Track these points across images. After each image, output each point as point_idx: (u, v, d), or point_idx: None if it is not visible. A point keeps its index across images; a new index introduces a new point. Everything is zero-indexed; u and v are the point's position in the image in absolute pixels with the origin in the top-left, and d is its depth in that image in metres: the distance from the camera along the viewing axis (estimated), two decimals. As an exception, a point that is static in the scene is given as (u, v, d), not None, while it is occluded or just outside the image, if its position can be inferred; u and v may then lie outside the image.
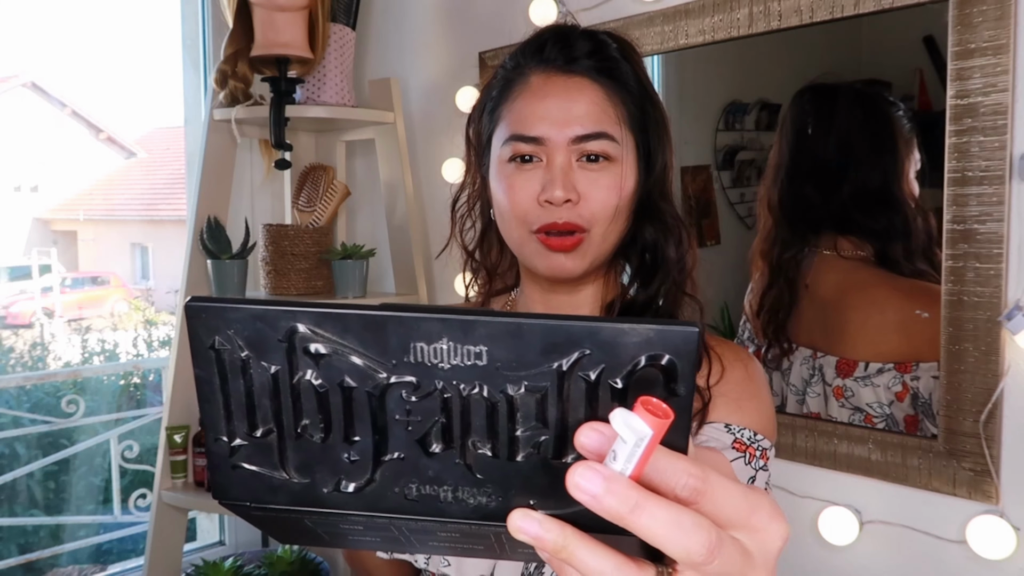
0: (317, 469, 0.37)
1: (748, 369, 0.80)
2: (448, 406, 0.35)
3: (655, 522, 0.32)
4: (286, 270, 1.80)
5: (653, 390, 0.33)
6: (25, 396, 3.76)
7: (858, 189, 1.25)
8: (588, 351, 0.33)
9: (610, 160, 0.77)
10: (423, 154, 1.94)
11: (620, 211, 0.78)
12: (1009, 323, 1.04)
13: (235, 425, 0.37)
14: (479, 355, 0.34)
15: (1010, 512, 1.09)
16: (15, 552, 2.99)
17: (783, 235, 1.34)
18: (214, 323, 0.36)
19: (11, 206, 11.21)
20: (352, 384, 0.36)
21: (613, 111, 0.78)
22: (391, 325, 0.34)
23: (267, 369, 0.36)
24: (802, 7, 1.23)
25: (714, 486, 0.34)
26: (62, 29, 18.63)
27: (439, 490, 0.36)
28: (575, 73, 0.78)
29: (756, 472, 0.75)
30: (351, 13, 1.90)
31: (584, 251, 0.78)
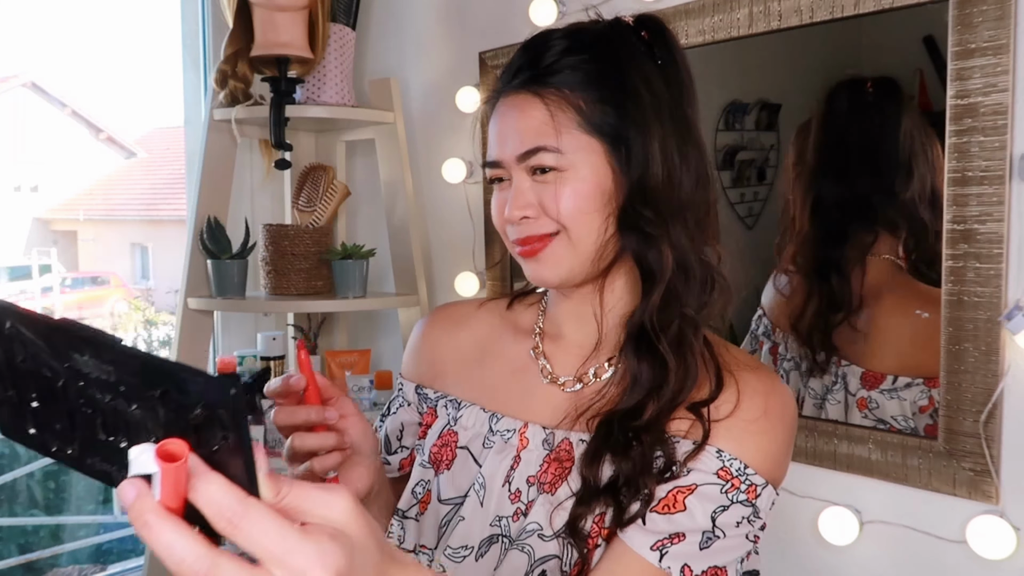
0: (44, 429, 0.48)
1: (768, 404, 0.76)
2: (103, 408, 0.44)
3: (156, 540, 0.39)
4: (286, 270, 1.80)
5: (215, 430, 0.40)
6: (25, 396, 3.75)
7: (922, 188, 1.18)
8: (169, 390, 0.41)
9: (559, 170, 0.76)
10: (423, 154, 1.94)
11: (584, 215, 0.75)
12: (1009, 323, 1.04)
13: None
14: (110, 373, 0.43)
15: (1010, 512, 1.09)
16: (15, 552, 2.99)
17: (836, 236, 1.28)
18: None
19: (11, 206, 11.20)
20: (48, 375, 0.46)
21: (555, 121, 0.76)
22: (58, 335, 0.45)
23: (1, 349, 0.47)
24: (802, 7, 1.23)
25: (249, 523, 0.40)
26: (62, 29, 18.62)
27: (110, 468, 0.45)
28: (516, 90, 0.79)
29: (731, 503, 0.72)
30: (351, 13, 1.90)
31: (556, 258, 0.77)
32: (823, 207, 1.30)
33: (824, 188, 1.30)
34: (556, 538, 0.75)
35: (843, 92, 1.27)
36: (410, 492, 0.87)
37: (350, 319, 2.18)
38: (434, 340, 0.94)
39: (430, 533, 0.84)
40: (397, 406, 0.94)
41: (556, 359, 0.85)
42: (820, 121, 1.29)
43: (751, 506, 0.73)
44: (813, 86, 1.31)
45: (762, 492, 0.74)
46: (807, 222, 1.31)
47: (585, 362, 0.83)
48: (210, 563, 0.39)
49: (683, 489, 0.72)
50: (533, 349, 0.87)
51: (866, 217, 1.27)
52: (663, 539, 0.70)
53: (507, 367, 0.88)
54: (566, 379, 0.83)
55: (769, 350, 1.37)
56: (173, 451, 0.40)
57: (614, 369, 0.81)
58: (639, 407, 0.75)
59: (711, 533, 0.71)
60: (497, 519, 0.79)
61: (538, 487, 0.78)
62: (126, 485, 0.40)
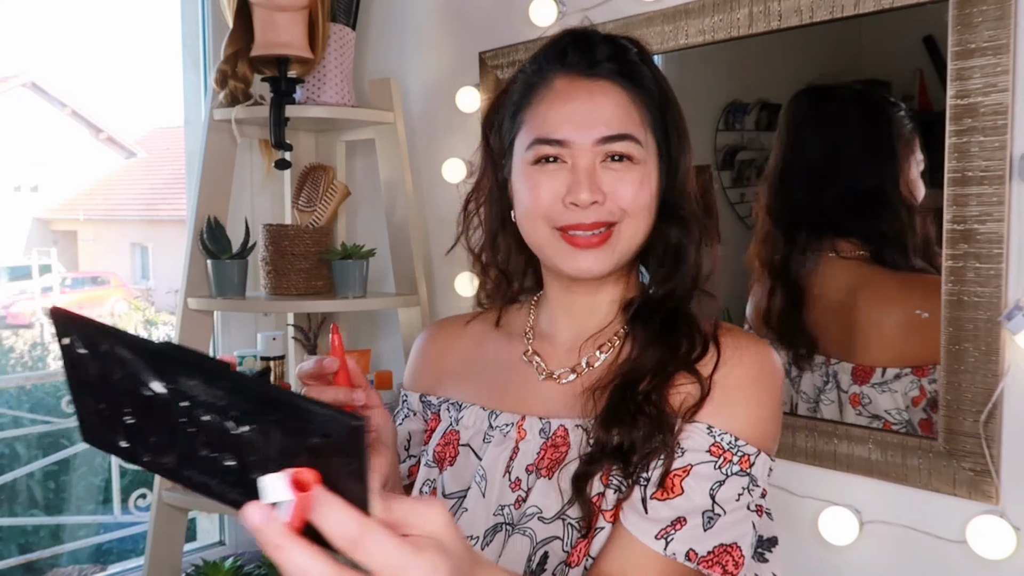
0: (136, 442, 0.51)
1: (748, 366, 0.78)
2: (208, 427, 0.47)
3: (290, 561, 0.43)
4: (286, 270, 1.80)
5: (335, 455, 0.43)
6: (25, 396, 3.75)
7: (849, 191, 1.24)
8: (287, 417, 0.44)
9: (633, 161, 0.79)
10: (423, 154, 1.94)
11: (647, 209, 0.80)
12: (1009, 323, 1.04)
13: (85, 399, 0.52)
14: (220, 397, 0.46)
15: (1010, 512, 1.09)
16: (15, 552, 2.99)
17: (781, 238, 1.33)
18: (64, 329, 0.51)
19: (11, 206, 11.20)
20: (148, 394, 0.48)
21: (636, 114, 0.80)
22: (165, 360, 0.47)
23: (97, 367, 0.50)
24: (802, 7, 1.23)
25: (369, 542, 0.44)
26: (62, 29, 18.62)
27: (209, 481, 0.48)
28: (598, 77, 0.80)
29: (727, 477, 0.74)
30: (351, 13, 1.90)
31: (612, 248, 0.79)
32: (774, 210, 1.35)
33: (775, 193, 1.35)
34: (557, 519, 0.76)
35: (802, 96, 1.32)
36: (417, 491, 0.89)
37: (350, 319, 2.18)
38: (435, 352, 0.97)
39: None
40: (403, 417, 0.96)
41: (550, 357, 0.87)
42: (780, 125, 1.35)
43: (747, 475, 0.75)
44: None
45: (756, 460, 0.75)
46: (766, 222, 1.36)
47: (577, 354, 0.85)
48: None
49: (679, 472, 0.74)
50: (525, 353, 0.89)
51: (809, 220, 1.32)
52: (666, 527, 0.72)
53: (503, 370, 0.89)
54: (561, 371, 0.85)
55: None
56: (305, 480, 0.43)
57: (605, 356, 0.84)
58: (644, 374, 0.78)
59: (711, 512, 0.73)
60: (500, 508, 0.81)
61: (536, 473, 0.80)
62: (253, 509, 0.43)
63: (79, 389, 0.52)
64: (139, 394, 0.48)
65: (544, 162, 0.80)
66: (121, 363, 0.48)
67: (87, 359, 0.50)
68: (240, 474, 0.47)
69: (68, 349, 0.51)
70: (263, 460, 0.45)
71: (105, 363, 0.49)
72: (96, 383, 0.50)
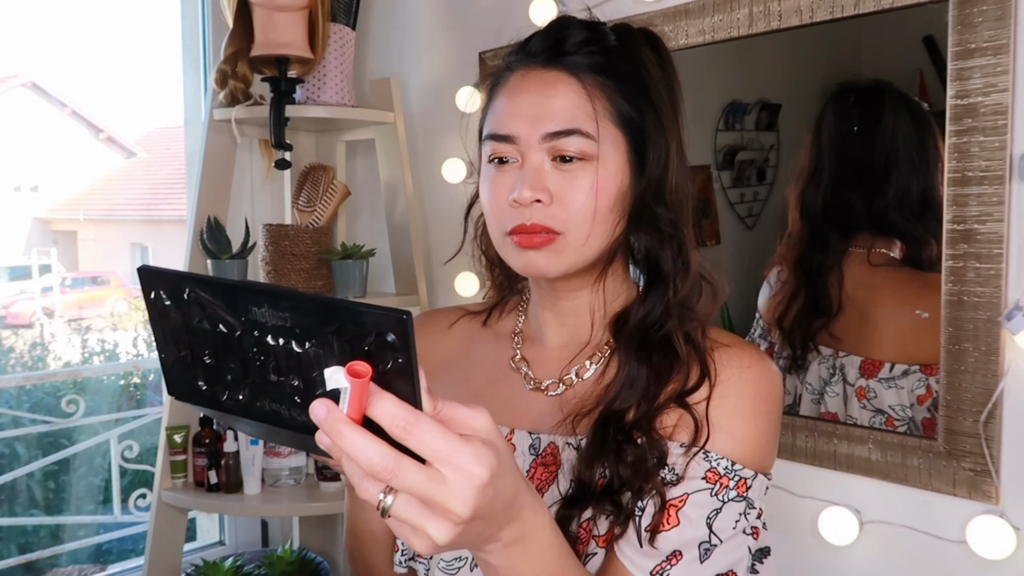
0: (215, 382, 0.55)
1: (743, 383, 0.75)
2: (276, 351, 0.51)
3: (349, 445, 0.47)
4: (286, 270, 1.80)
5: (387, 355, 0.48)
6: (25, 396, 3.75)
7: (902, 194, 1.21)
8: (344, 324, 0.48)
9: (586, 160, 0.73)
10: (423, 154, 1.94)
11: (601, 213, 0.74)
12: (1009, 323, 1.04)
13: (169, 348, 0.57)
14: (285, 319, 0.50)
15: (1010, 512, 1.09)
16: (15, 552, 2.99)
17: (818, 240, 1.30)
18: (151, 283, 0.55)
19: (11, 206, 11.19)
20: (223, 329, 0.53)
21: (593, 106, 0.73)
22: (237, 293, 0.52)
23: (179, 314, 0.55)
24: (802, 7, 1.23)
25: (420, 430, 0.48)
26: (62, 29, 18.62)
27: (280, 407, 0.53)
28: (552, 67, 0.75)
29: (723, 504, 0.71)
30: (351, 13, 1.90)
31: (558, 251, 0.74)
32: (807, 211, 1.32)
33: (808, 192, 1.32)
34: None
35: (832, 99, 1.29)
36: None
37: (350, 319, 2.18)
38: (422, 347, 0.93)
39: None
40: None
41: (537, 364, 0.84)
42: (812, 128, 1.32)
43: (743, 499, 0.72)
44: (813, 86, 1.32)
45: (752, 483, 0.73)
46: (796, 223, 1.33)
47: (567, 364, 0.82)
48: (394, 461, 0.48)
49: (675, 502, 0.71)
50: (512, 358, 0.86)
51: (844, 222, 1.29)
52: (661, 562, 0.70)
53: (489, 376, 0.86)
54: (549, 383, 0.82)
55: (766, 350, 1.37)
56: (359, 370, 0.47)
57: (595, 367, 0.81)
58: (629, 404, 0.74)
59: (708, 543, 0.71)
60: None
61: None
62: (317, 404, 0.48)
63: (165, 340, 0.56)
64: (216, 332, 0.53)
65: (498, 162, 0.76)
66: (200, 306, 0.53)
67: (171, 309, 0.55)
68: (305, 393, 0.51)
69: (155, 302, 0.55)
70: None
71: (187, 309, 0.54)
72: (179, 331, 0.55)
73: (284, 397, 0.52)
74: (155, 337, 0.58)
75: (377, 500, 0.49)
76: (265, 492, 1.81)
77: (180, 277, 0.54)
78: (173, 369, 0.57)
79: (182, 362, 0.56)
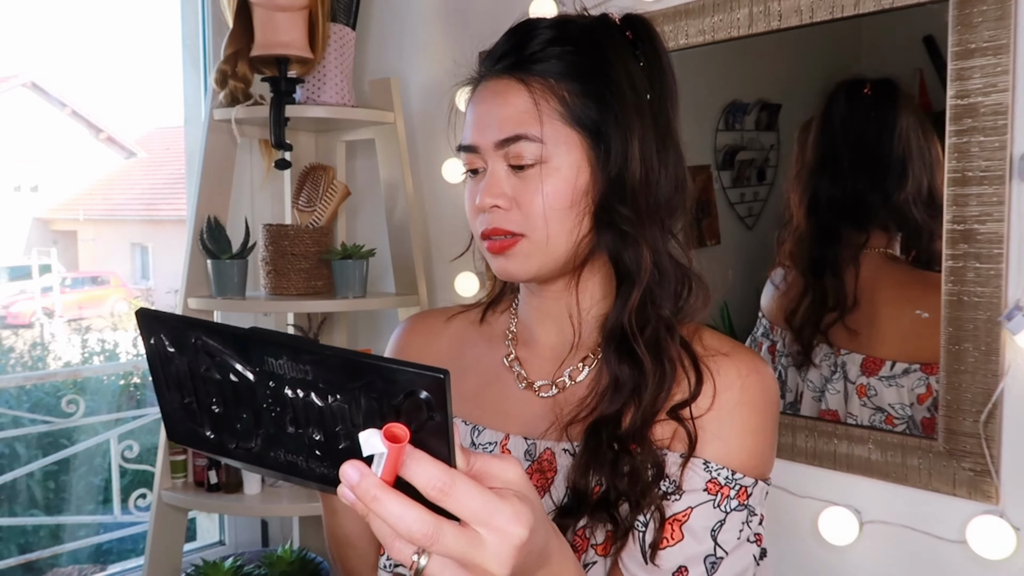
0: (222, 430, 0.53)
1: (744, 391, 0.74)
2: (293, 403, 0.49)
3: (386, 512, 0.46)
4: (286, 270, 1.80)
5: (419, 412, 0.46)
6: (25, 396, 3.75)
7: (918, 187, 1.19)
8: (372, 381, 0.46)
9: (539, 164, 0.74)
10: (423, 154, 1.94)
11: (557, 213, 0.74)
12: (1009, 323, 1.04)
13: (171, 394, 0.54)
14: (306, 372, 0.48)
15: (1010, 512, 1.09)
16: (15, 552, 2.99)
17: (830, 235, 1.29)
18: (151, 328, 0.53)
19: (11, 206, 11.19)
20: (234, 380, 0.51)
21: (538, 109, 0.74)
22: (251, 344, 0.50)
23: (184, 361, 0.52)
24: (802, 7, 1.23)
25: (458, 491, 0.47)
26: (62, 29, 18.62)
27: (296, 458, 0.51)
28: (505, 76, 0.77)
29: (726, 515, 0.71)
30: (351, 13, 1.90)
31: (524, 254, 0.76)
32: (818, 205, 1.31)
33: (820, 187, 1.30)
34: None
35: (842, 93, 1.27)
36: None
37: (350, 319, 2.18)
38: (415, 348, 0.93)
39: None
40: None
41: (530, 364, 0.84)
42: (819, 121, 1.30)
43: (745, 508, 0.73)
44: (813, 86, 1.32)
45: (753, 491, 0.73)
46: (803, 220, 1.32)
47: (560, 366, 0.82)
48: (434, 527, 0.47)
49: (678, 517, 0.71)
50: (506, 356, 0.86)
51: (859, 217, 1.28)
52: None
53: (483, 376, 0.86)
54: (541, 384, 0.82)
55: (768, 349, 1.37)
56: (398, 433, 0.46)
57: (588, 370, 0.80)
58: (621, 412, 0.74)
59: (714, 556, 0.71)
60: None
61: None
62: (349, 469, 0.46)
63: (167, 386, 0.54)
64: (226, 381, 0.51)
65: (472, 174, 0.79)
66: (209, 354, 0.51)
67: (174, 356, 0.53)
68: (327, 446, 0.49)
69: (155, 348, 0.53)
70: (349, 429, 0.48)
71: (193, 356, 0.52)
72: (183, 378, 0.53)
73: (302, 448, 0.50)
74: (154, 382, 0.55)
75: (411, 561, 0.48)
76: (265, 492, 1.81)
77: (186, 324, 0.52)
78: (174, 415, 0.55)
79: (185, 409, 0.54)
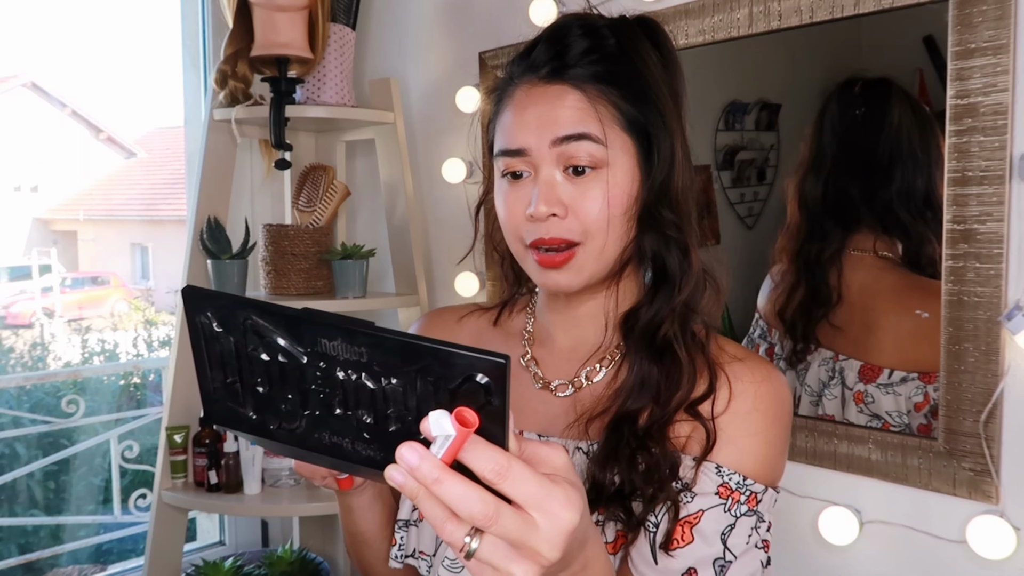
0: (265, 411, 0.53)
1: (757, 398, 0.75)
2: (344, 385, 0.49)
3: (449, 493, 0.47)
4: (286, 270, 1.80)
5: (477, 396, 0.46)
6: (25, 396, 3.75)
7: (907, 188, 1.20)
8: (430, 364, 0.47)
9: (597, 169, 0.74)
10: (423, 154, 1.94)
11: (615, 220, 0.75)
12: (1009, 323, 1.04)
13: (214, 373, 0.54)
14: (361, 354, 0.48)
15: (1010, 512, 1.09)
16: (15, 552, 2.99)
17: (817, 231, 1.30)
18: (198, 305, 0.53)
19: (11, 206, 11.19)
20: (283, 360, 0.51)
21: (598, 113, 0.74)
22: (304, 325, 0.49)
23: (230, 341, 0.52)
24: (802, 7, 1.23)
25: (514, 475, 0.48)
26: (62, 29, 18.63)
27: (342, 440, 0.51)
28: (555, 82, 0.76)
29: (736, 519, 0.72)
30: (351, 13, 1.90)
31: (579, 266, 0.75)
32: (807, 202, 1.32)
33: (808, 184, 1.31)
34: None
35: (837, 91, 1.28)
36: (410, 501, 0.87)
37: (350, 319, 2.18)
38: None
39: (429, 540, 0.84)
40: None
41: (547, 364, 0.85)
42: (815, 119, 1.31)
43: (754, 513, 0.73)
44: (813, 86, 1.32)
45: (763, 497, 0.74)
46: (795, 215, 1.33)
47: (576, 365, 0.82)
48: (494, 508, 0.48)
49: (689, 519, 0.72)
50: (522, 357, 0.86)
51: (844, 214, 1.28)
52: None
53: None
54: (558, 383, 0.83)
55: (766, 351, 1.37)
56: (468, 418, 0.46)
57: (605, 370, 0.81)
58: (640, 410, 0.75)
59: (723, 560, 0.71)
60: None
61: None
62: (408, 451, 0.47)
63: (209, 365, 0.54)
64: (274, 361, 0.51)
65: (512, 177, 0.77)
66: (258, 333, 0.51)
67: (221, 335, 0.52)
68: (376, 429, 0.50)
69: (202, 326, 0.53)
70: (401, 411, 0.49)
71: (241, 336, 0.52)
72: (228, 357, 0.53)
73: (349, 430, 0.51)
74: (196, 361, 0.55)
75: (463, 543, 0.49)
76: (265, 492, 1.81)
77: (237, 303, 0.52)
78: (216, 395, 0.55)
79: (228, 388, 0.54)
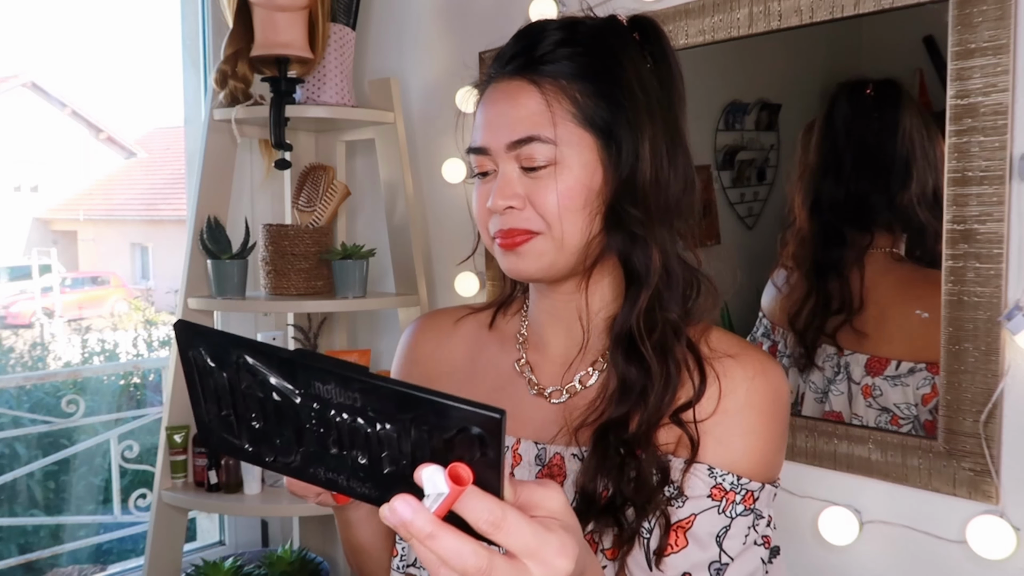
0: (260, 443, 0.54)
1: (750, 394, 0.74)
2: (339, 426, 0.50)
3: (442, 548, 0.47)
4: (286, 270, 1.80)
5: (471, 447, 0.46)
6: (25, 396, 3.75)
7: (923, 187, 1.19)
8: (425, 414, 0.47)
9: (551, 165, 0.74)
10: (423, 154, 1.94)
11: (570, 213, 0.74)
12: (1009, 323, 1.04)
13: (208, 406, 0.55)
14: (355, 399, 0.48)
15: (1010, 512, 1.09)
16: (15, 552, 2.99)
17: (835, 236, 1.29)
18: (191, 341, 0.53)
19: (11, 206, 11.19)
20: (277, 399, 0.51)
21: (551, 111, 0.74)
22: (297, 367, 0.50)
23: (224, 376, 0.53)
24: (802, 7, 1.23)
25: (508, 525, 0.47)
26: (62, 29, 18.63)
27: (337, 477, 0.51)
28: (517, 77, 0.76)
29: (732, 520, 0.71)
30: (351, 13, 1.90)
31: (538, 252, 0.75)
32: (822, 208, 1.30)
33: (823, 189, 1.30)
34: None
35: (844, 93, 1.27)
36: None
37: (350, 319, 2.18)
38: (427, 350, 0.93)
39: None
40: None
41: (541, 369, 0.84)
42: (822, 123, 1.30)
43: (751, 512, 0.72)
44: (813, 86, 1.32)
45: (760, 495, 0.73)
46: (807, 222, 1.31)
47: (569, 370, 0.82)
48: (487, 561, 0.47)
49: (682, 524, 0.71)
50: (517, 362, 0.85)
51: (863, 218, 1.27)
52: None
53: (495, 381, 0.86)
54: (552, 390, 0.82)
55: (768, 349, 1.37)
56: (463, 475, 0.47)
57: (598, 374, 0.80)
58: (628, 416, 0.74)
59: (719, 563, 0.70)
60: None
61: None
62: (401, 503, 0.47)
63: (204, 397, 0.54)
64: (268, 399, 0.51)
65: (482, 175, 0.78)
66: (251, 372, 0.51)
67: (214, 370, 0.53)
68: (371, 470, 0.50)
69: (193, 360, 0.53)
70: (395, 455, 0.49)
71: (234, 373, 0.52)
72: (222, 392, 0.53)
73: (344, 468, 0.51)
74: (190, 393, 0.55)
75: None
76: (265, 492, 1.81)
77: (230, 341, 0.52)
78: (211, 425, 0.55)
79: (223, 420, 0.54)
